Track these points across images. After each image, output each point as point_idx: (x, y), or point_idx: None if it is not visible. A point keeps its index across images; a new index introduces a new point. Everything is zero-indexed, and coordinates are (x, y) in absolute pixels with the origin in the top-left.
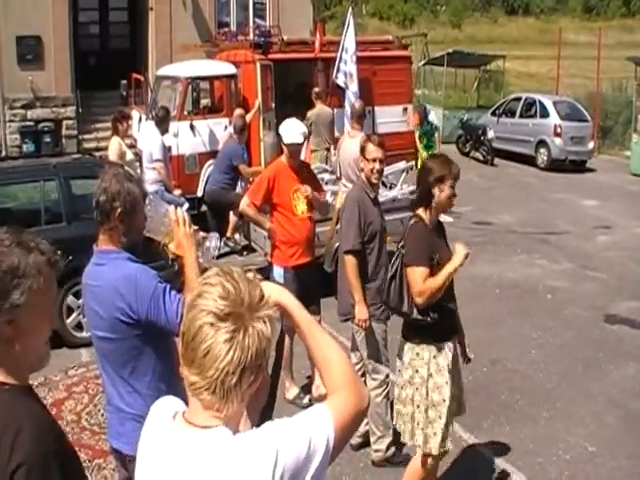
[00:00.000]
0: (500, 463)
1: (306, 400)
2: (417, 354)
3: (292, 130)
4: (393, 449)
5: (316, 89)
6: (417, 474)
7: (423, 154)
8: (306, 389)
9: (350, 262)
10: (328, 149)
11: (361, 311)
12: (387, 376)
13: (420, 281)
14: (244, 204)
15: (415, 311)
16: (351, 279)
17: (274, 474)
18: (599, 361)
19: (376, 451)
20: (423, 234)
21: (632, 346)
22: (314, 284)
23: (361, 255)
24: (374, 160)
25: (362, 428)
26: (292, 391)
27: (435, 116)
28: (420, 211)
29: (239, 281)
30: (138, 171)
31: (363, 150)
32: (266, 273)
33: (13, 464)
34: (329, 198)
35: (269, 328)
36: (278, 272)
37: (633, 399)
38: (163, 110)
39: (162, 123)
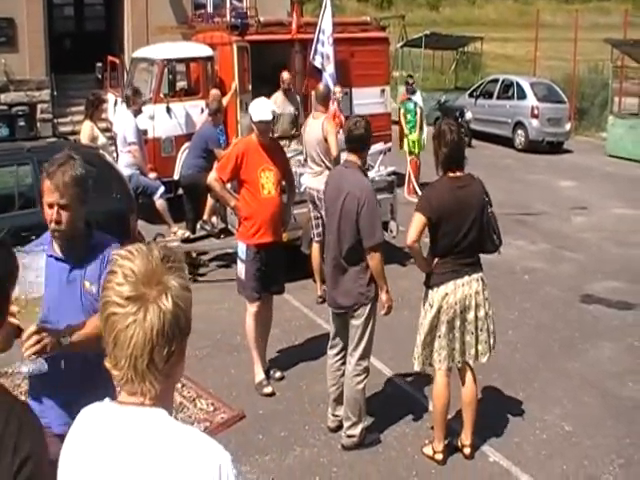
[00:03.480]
0: (478, 443)
1: (278, 374)
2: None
3: (261, 108)
4: (365, 433)
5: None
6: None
7: (410, 137)
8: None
9: (379, 255)
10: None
11: (388, 298)
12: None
13: (415, 231)
14: (211, 178)
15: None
16: (380, 271)
17: None
18: (575, 341)
19: (349, 436)
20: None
21: (608, 326)
22: (278, 265)
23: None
24: None
25: (340, 411)
26: (259, 376)
27: (420, 97)
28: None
29: (137, 260)
30: (114, 155)
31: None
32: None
33: (21, 455)
34: (307, 180)
35: (171, 299)
36: (241, 248)
37: (609, 379)
38: (132, 90)
39: (132, 104)
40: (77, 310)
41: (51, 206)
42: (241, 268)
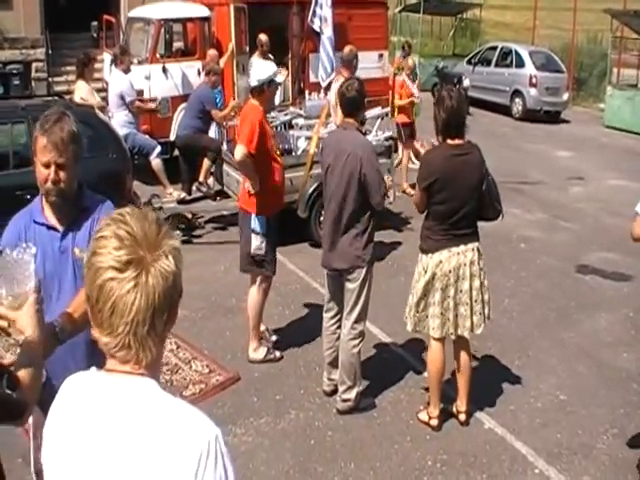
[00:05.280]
0: (472, 410)
1: (274, 337)
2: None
3: (272, 69)
4: (359, 397)
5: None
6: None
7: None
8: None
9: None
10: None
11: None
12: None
13: (419, 205)
14: (243, 155)
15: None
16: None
17: (198, 468)
18: (571, 311)
19: (344, 400)
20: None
21: (603, 296)
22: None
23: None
24: None
25: (335, 375)
26: (261, 350)
27: (416, 62)
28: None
29: (132, 224)
30: (109, 114)
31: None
32: (237, 219)
33: None
34: (303, 143)
35: (172, 261)
36: (261, 222)
37: (604, 349)
38: (120, 49)
39: (120, 63)
40: (72, 281)
41: (47, 165)
42: (261, 243)
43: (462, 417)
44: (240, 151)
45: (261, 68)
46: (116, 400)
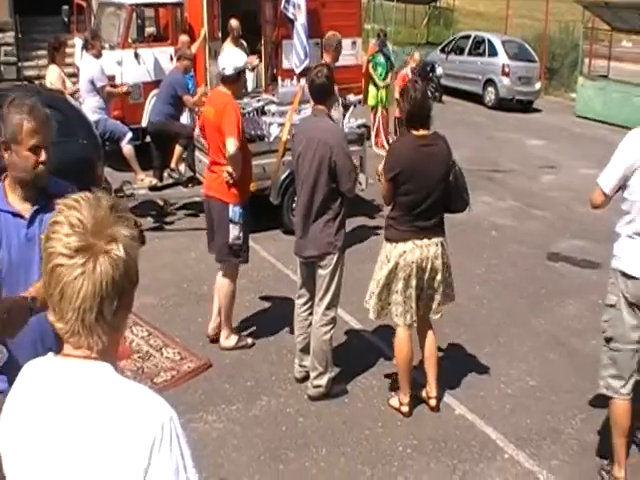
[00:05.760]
0: (442, 396)
1: (249, 340)
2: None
3: (245, 57)
4: (331, 383)
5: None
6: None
7: (375, 91)
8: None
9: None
10: None
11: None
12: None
13: (386, 196)
14: (237, 148)
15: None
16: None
17: (152, 450)
18: (542, 298)
19: (315, 387)
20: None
21: (574, 284)
22: None
23: None
24: None
25: (307, 362)
26: (232, 338)
27: (391, 50)
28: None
29: (85, 211)
30: (80, 100)
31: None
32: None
33: None
34: (276, 130)
35: (123, 250)
36: (238, 212)
37: (574, 336)
38: (91, 33)
39: (90, 48)
40: (39, 269)
41: (35, 149)
42: (239, 232)
43: (432, 402)
44: (234, 144)
45: (235, 56)
46: (70, 384)
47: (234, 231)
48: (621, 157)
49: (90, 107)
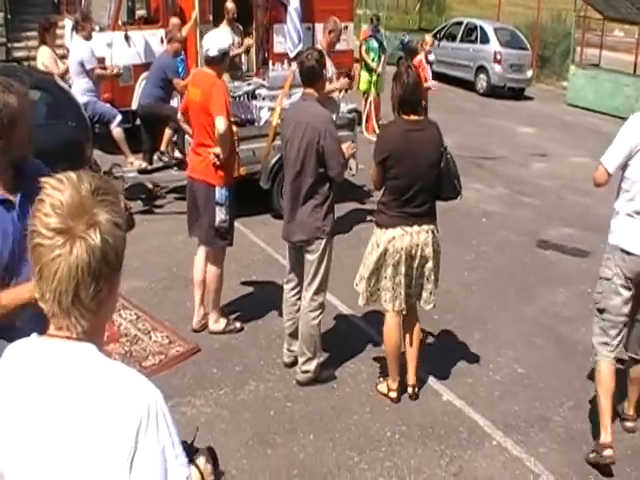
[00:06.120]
0: (432, 383)
1: (238, 324)
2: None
3: (230, 39)
4: (319, 369)
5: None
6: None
7: (367, 76)
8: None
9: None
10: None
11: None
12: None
13: (376, 181)
14: (226, 126)
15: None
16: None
17: (138, 431)
18: (530, 285)
19: (304, 372)
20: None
21: (563, 272)
22: None
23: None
24: None
25: (295, 347)
26: (222, 321)
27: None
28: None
29: (67, 192)
30: (70, 82)
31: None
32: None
33: None
34: (266, 114)
35: (102, 234)
36: (225, 194)
37: (562, 323)
38: (81, 15)
39: (81, 29)
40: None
41: (28, 128)
42: (226, 216)
43: (410, 390)
44: (224, 123)
45: (219, 37)
46: (52, 364)
47: (220, 214)
48: (624, 138)
49: (79, 89)
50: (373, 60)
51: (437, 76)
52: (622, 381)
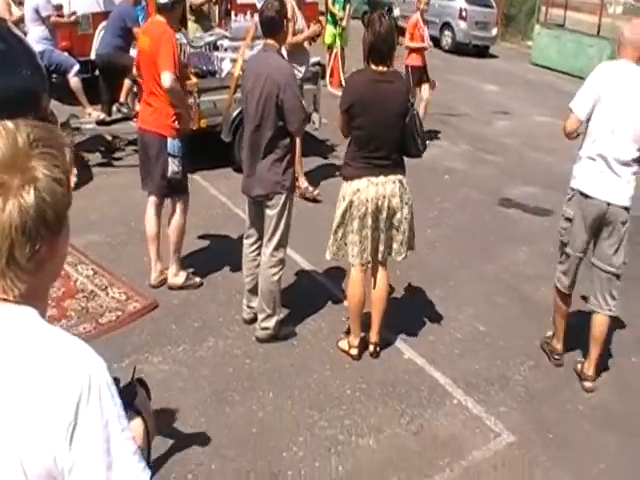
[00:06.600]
0: (393, 340)
1: (197, 279)
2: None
3: None
4: (279, 326)
5: None
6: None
7: (332, 30)
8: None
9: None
10: None
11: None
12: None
13: (342, 128)
14: (173, 82)
15: None
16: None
17: (79, 403)
18: (492, 243)
19: (263, 328)
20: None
21: (524, 230)
22: None
23: None
24: None
25: (255, 303)
26: (181, 275)
27: None
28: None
29: (1, 144)
30: (25, 29)
31: None
32: None
33: None
34: (228, 65)
35: (31, 195)
36: (177, 145)
37: (524, 282)
38: None
39: None
40: None
41: None
42: (179, 167)
43: (371, 348)
44: (169, 78)
45: None
46: None
47: (173, 165)
48: (592, 84)
49: (35, 37)
50: (339, 11)
51: (402, 32)
52: (579, 339)
